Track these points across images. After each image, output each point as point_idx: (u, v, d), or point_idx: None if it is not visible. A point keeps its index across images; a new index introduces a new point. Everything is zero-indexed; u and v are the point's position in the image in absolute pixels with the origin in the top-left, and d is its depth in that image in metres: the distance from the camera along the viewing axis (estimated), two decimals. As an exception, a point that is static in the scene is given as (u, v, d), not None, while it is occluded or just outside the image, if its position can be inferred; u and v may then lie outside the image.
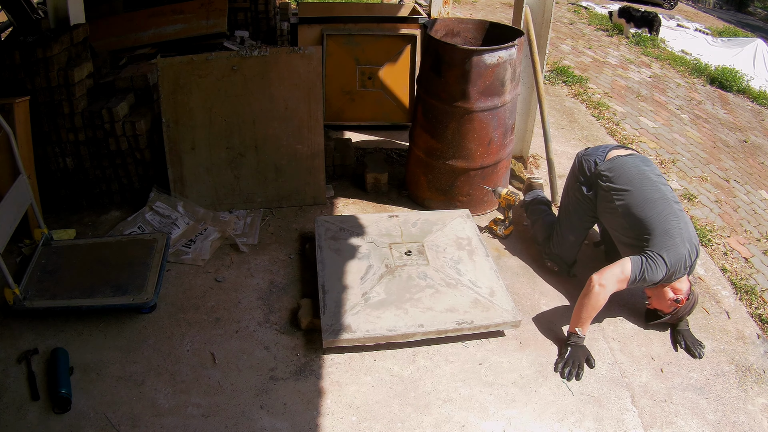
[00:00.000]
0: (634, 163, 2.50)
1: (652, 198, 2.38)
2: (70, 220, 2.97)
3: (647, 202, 2.38)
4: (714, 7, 14.75)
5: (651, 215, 2.35)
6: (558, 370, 2.28)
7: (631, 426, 2.09)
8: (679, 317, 2.44)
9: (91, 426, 1.93)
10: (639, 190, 2.41)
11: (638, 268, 2.27)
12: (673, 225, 2.32)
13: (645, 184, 2.42)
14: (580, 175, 2.63)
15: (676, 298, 2.37)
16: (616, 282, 2.28)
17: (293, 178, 3.13)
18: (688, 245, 2.30)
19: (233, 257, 2.77)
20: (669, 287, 2.37)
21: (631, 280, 2.28)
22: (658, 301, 2.42)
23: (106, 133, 2.89)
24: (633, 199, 2.40)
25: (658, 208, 2.35)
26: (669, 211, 2.35)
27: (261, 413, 2.02)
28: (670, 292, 2.37)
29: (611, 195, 2.46)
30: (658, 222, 2.33)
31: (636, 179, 2.44)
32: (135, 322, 2.36)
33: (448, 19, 3.34)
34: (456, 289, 2.44)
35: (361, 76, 3.94)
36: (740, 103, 6.53)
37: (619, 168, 2.49)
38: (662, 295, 2.39)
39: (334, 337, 2.20)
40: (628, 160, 2.51)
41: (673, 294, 2.37)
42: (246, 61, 2.86)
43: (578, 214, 2.67)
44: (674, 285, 2.37)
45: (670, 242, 2.29)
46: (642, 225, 2.36)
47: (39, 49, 2.65)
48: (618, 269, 2.29)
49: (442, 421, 2.04)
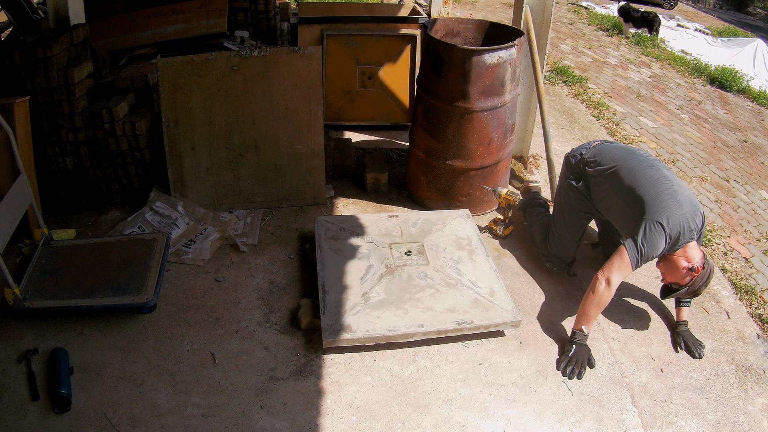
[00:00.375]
0: (618, 145, 2.55)
1: (639, 167, 2.34)
2: (70, 220, 2.97)
3: (635, 171, 2.33)
4: (714, 7, 14.75)
5: (641, 181, 2.29)
6: (560, 368, 2.28)
7: (631, 426, 2.09)
8: (695, 289, 2.32)
9: (91, 426, 1.93)
10: (625, 163, 2.38)
11: (634, 249, 2.21)
12: (665, 188, 2.24)
13: (630, 157, 2.41)
14: (569, 171, 2.64)
15: (691, 266, 2.25)
16: (620, 274, 2.23)
17: (293, 178, 3.13)
18: (686, 206, 2.21)
19: (233, 257, 2.77)
20: (681, 256, 2.27)
21: (633, 264, 2.22)
22: (671, 273, 2.32)
23: (106, 133, 2.89)
24: (621, 173, 2.36)
25: (648, 173, 2.30)
26: (658, 176, 2.28)
27: (261, 413, 2.02)
28: (683, 260, 2.26)
29: (600, 178, 2.44)
30: (648, 187, 2.26)
31: (621, 155, 2.43)
32: (135, 322, 2.36)
33: (448, 19, 3.34)
34: (456, 289, 2.44)
35: (361, 76, 3.94)
36: (740, 103, 6.53)
37: (603, 151, 2.51)
38: (675, 265, 2.28)
39: (334, 337, 2.20)
40: (612, 144, 2.56)
41: (687, 263, 2.26)
42: (246, 61, 2.86)
43: (571, 209, 2.66)
44: (686, 253, 2.26)
45: (662, 205, 2.21)
46: (634, 195, 2.29)
47: (39, 49, 2.65)
48: (617, 260, 2.25)
49: (442, 421, 2.04)
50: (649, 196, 2.25)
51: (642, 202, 2.25)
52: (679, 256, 2.28)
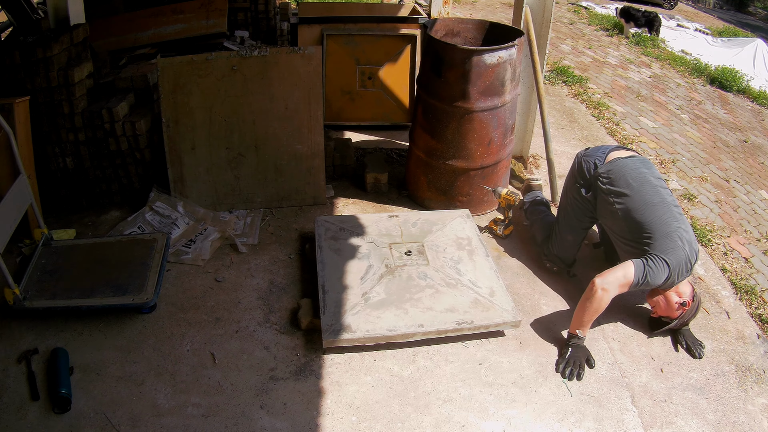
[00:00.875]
0: (634, 165, 2.50)
1: (651, 201, 2.38)
2: (70, 220, 2.97)
3: (647, 205, 2.37)
4: (714, 7, 14.74)
5: (651, 219, 2.35)
6: (559, 370, 2.28)
7: (631, 426, 2.09)
8: (685, 321, 2.43)
9: (91, 426, 1.93)
10: (638, 194, 2.40)
11: (641, 271, 2.27)
12: (674, 228, 2.32)
13: (644, 188, 2.42)
14: (579, 177, 2.63)
15: (682, 301, 2.36)
16: (619, 286, 2.28)
17: (293, 178, 3.13)
18: (687, 248, 2.30)
19: (233, 257, 2.77)
20: (674, 292, 2.37)
21: (633, 284, 2.28)
22: (664, 308, 2.41)
23: (106, 133, 2.89)
24: (632, 203, 2.40)
25: (659, 212, 2.35)
26: (669, 215, 2.35)
27: (261, 413, 2.02)
28: (675, 296, 2.37)
29: (610, 198, 2.46)
30: (658, 225, 2.33)
31: (635, 182, 2.43)
32: (135, 322, 2.36)
33: (448, 19, 3.34)
34: (456, 289, 2.44)
35: (361, 76, 3.94)
36: (740, 103, 6.53)
37: (619, 171, 2.48)
38: (668, 300, 2.38)
39: (334, 337, 2.20)
40: (628, 163, 2.50)
41: (678, 298, 2.37)
42: (246, 61, 2.86)
43: (577, 214, 2.67)
44: (678, 288, 2.37)
45: (671, 245, 2.28)
46: (642, 228, 2.35)
47: (39, 49, 2.65)
48: (621, 273, 2.29)
49: (442, 421, 2.04)
50: (658, 234, 2.32)
51: (650, 238, 2.32)
52: (671, 292, 2.37)
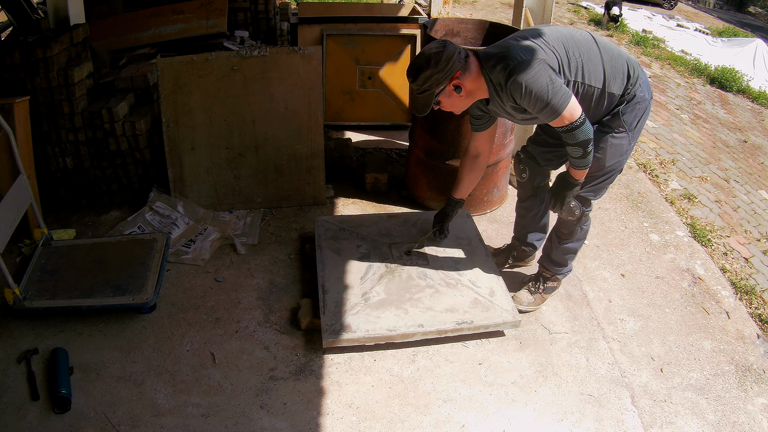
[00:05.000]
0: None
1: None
2: (70, 220, 2.97)
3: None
4: (714, 7, 14.75)
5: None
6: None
7: (631, 426, 2.09)
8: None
9: (91, 426, 1.93)
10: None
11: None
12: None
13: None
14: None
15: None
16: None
17: (293, 178, 3.12)
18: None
19: (233, 257, 2.77)
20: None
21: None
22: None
23: (106, 133, 2.89)
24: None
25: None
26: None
27: (261, 413, 2.02)
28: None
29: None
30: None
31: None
32: (135, 322, 2.36)
33: (448, 19, 3.33)
34: (456, 289, 2.44)
35: (361, 76, 3.94)
36: (740, 103, 6.53)
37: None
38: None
39: (334, 337, 2.20)
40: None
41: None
42: (246, 61, 2.86)
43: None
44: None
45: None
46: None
47: (39, 49, 2.65)
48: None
49: (442, 421, 2.04)
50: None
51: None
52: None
